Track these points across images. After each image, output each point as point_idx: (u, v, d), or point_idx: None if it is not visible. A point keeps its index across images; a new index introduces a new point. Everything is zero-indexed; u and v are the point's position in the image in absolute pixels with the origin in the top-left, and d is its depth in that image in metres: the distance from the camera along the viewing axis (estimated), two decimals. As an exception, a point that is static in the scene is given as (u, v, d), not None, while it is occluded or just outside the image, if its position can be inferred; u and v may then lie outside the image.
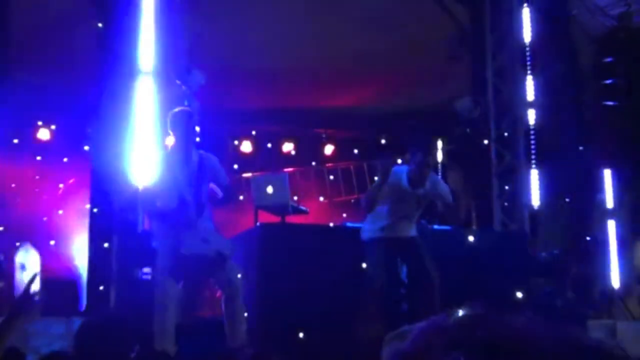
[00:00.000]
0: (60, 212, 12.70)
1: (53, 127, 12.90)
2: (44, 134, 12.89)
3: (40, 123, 12.87)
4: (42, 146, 12.90)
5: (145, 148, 8.02)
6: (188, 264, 6.07)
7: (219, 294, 7.42)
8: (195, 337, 6.73)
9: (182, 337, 6.47)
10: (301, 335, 7.02)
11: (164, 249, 6.23)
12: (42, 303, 3.14)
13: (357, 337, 6.59)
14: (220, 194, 6.38)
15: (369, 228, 7.11)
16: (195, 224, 6.09)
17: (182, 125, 6.26)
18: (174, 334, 6.19)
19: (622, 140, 11.33)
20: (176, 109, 6.50)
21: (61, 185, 12.86)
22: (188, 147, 6.28)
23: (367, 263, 7.04)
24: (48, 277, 9.85)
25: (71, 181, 12.71)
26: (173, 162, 6.23)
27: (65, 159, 12.97)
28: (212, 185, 6.38)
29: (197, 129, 6.48)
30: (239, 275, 6.28)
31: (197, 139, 6.50)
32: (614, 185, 11.30)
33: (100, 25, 8.39)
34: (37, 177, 12.93)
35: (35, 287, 3.07)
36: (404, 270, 7.35)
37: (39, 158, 12.96)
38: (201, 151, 6.46)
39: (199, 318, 8.52)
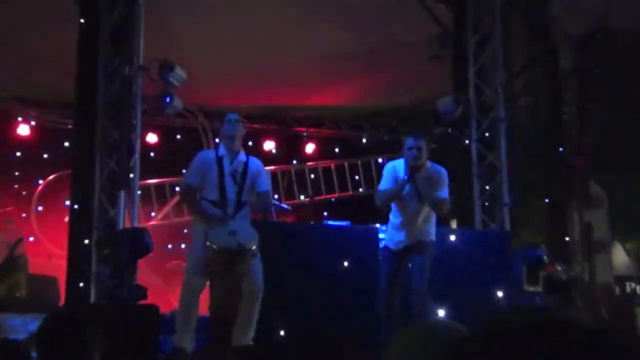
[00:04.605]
0: (40, 208, 12.64)
1: (33, 122, 12.80)
2: (24, 130, 12.78)
3: (20, 119, 12.77)
4: (22, 142, 12.80)
5: (126, 145, 8.02)
6: (215, 257, 6.25)
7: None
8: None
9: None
10: (282, 332, 7.04)
11: (196, 245, 6.46)
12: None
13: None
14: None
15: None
16: (233, 218, 6.42)
17: (231, 127, 6.62)
18: (193, 331, 6.29)
19: (600, 142, 11.41)
20: (229, 113, 6.84)
21: (41, 182, 12.79)
22: (235, 148, 6.62)
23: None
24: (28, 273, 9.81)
25: (51, 177, 12.64)
26: (220, 161, 6.55)
27: (45, 155, 12.91)
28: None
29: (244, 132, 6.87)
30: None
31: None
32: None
33: (82, 21, 8.37)
34: (17, 173, 12.86)
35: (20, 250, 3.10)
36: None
37: (18, 154, 12.88)
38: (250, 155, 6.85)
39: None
